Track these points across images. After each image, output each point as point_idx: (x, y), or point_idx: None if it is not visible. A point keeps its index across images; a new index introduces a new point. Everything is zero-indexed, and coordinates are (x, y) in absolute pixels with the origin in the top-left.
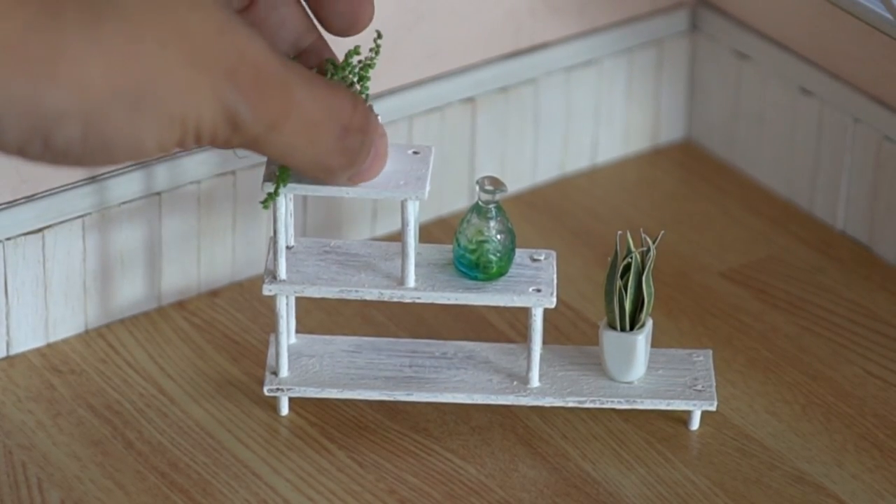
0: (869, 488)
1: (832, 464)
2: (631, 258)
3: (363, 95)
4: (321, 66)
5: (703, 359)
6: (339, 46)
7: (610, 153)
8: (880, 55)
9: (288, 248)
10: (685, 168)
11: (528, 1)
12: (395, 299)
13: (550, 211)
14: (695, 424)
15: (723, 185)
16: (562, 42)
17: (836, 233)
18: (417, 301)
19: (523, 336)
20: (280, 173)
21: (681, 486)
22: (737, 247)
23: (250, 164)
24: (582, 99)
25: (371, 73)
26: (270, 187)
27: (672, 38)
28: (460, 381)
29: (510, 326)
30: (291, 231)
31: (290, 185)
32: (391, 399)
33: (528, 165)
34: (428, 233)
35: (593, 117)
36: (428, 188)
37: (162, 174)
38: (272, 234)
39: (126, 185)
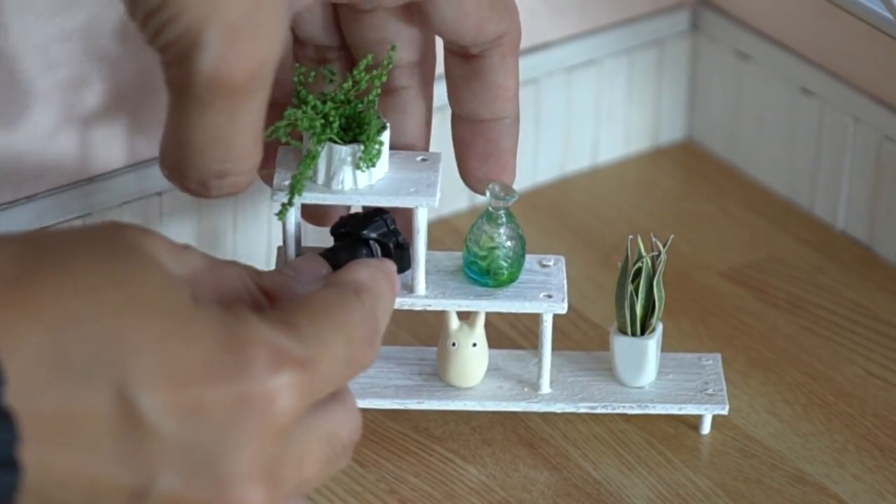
0: (870, 489)
1: (833, 464)
2: (642, 262)
3: (372, 101)
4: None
5: (713, 363)
6: None
7: (610, 153)
8: (881, 55)
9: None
10: (686, 168)
11: (529, 1)
12: (406, 307)
13: (551, 211)
14: (706, 429)
15: (723, 185)
16: (562, 42)
17: (837, 233)
18: (428, 308)
19: (526, 339)
20: (294, 183)
21: (682, 487)
22: (737, 247)
23: None
24: (582, 99)
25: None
26: (284, 197)
27: (673, 38)
28: (470, 388)
29: (511, 327)
30: (298, 240)
31: (303, 195)
32: (402, 408)
33: (528, 165)
34: (429, 233)
35: (594, 117)
36: (438, 195)
37: (162, 174)
38: (281, 243)
39: (126, 185)
